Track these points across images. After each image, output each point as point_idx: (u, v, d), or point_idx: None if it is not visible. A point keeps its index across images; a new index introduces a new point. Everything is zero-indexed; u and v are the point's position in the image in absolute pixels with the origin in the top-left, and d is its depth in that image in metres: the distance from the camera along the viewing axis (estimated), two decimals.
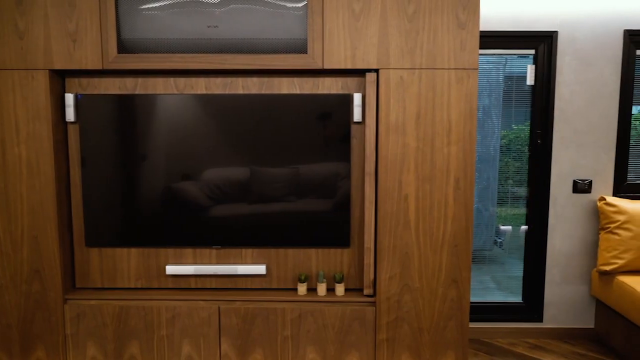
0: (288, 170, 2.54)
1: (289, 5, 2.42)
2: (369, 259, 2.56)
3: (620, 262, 2.79)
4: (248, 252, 2.65)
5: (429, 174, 2.48)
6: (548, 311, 3.10)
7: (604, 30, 2.89)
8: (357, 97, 2.50)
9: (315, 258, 2.65)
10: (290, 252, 2.65)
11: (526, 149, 3.05)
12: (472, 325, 3.13)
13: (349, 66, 2.43)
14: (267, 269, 2.66)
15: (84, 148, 2.55)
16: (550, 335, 3.10)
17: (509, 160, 3.14)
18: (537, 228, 3.05)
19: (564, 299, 3.09)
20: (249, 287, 2.67)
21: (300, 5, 2.42)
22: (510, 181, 3.13)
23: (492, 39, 2.92)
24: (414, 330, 2.58)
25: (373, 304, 2.58)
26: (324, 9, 2.40)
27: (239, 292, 2.63)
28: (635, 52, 2.92)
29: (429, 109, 2.45)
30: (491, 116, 3.14)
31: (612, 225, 2.84)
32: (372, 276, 2.57)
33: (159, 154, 2.53)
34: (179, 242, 2.60)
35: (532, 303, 3.11)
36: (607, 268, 2.83)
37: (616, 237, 2.81)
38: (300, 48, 2.43)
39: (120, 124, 2.52)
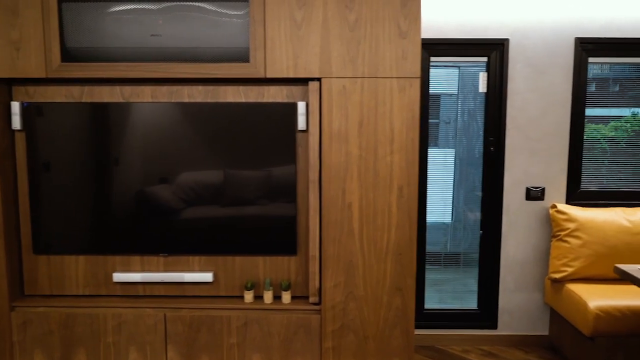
0: (236, 179, 2.55)
1: (231, 13, 2.43)
2: (314, 267, 2.56)
3: (570, 270, 2.79)
4: (196, 259, 2.66)
5: (373, 182, 2.49)
6: (502, 318, 3.10)
7: (555, 38, 2.89)
8: (301, 106, 2.51)
9: (262, 266, 2.66)
10: (238, 259, 2.65)
11: None
12: (428, 332, 3.13)
13: (292, 75, 2.44)
14: (215, 276, 2.66)
15: (30, 156, 2.55)
16: (504, 343, 3.10)
17: None
18: (490, 235, 3.05)
19: (518, 306, 3.09)
20: (197, 294, 2.68)
21: (242, 13, 2.43)
22: None
23: (446, 47, 2.92)
24: (360, 338, 2.59)
25: (318, 312, 2.58)
26: (265, 18, 2.40)
27: (186, 300, 2.63)
28: (587, 60, 2.93)
29: (372, 118, 2.46)
30: (476, 120, 3.14)
31: (563, 233, 2.84)
32: (317, 284, 2.57)
33: (106, 162, 2.54)
34: (126, 249, 2.61)
35: (486, 310, 3.11)
36: (557, 276, 2.84)
37: (566, 244, 2.81)
38: (243, 57, 2.44)
39: (65, 131, 2.52)
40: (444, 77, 3.11)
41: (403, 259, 2.54)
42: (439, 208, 3.24)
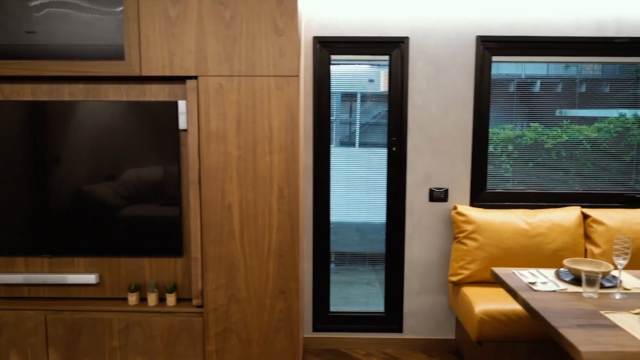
0: (120, 179, 2.50)
1: (106, 10, 2.38)
2: (196, 269, 2.51)
3: (466, 272, 2.73)
4: (81, 260, 2.61)
5: (252, 182, 2.44)
6: (408, 321, 3.05)
7: (456, 36, 2.84)
8: (181, 105, 2.46)
9: (149, 267, 2.61)
10: (123, 261, 2.60)
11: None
12: (335, 335, 3.08)
13: (167, 73, 2.39)
14: (100, 278, 2.61)
15: None
16: (410, 346, 3.05)
17: None
18: (395, 237, 2.99)
19: (423, 309, 3.04)
20: (83, 296, 2.63)
21: (117, 10, 2.38)
22: None
23: (346, 45, 2.87)
24: (243, 342, 2.54)
25: (201, 314, 2.53)
26: (139, 15, 2.36)
27: (69, 302, 2.58)
28: (490, 59, 2.87)
29: (250, 117, 2.41)
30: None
31: (461, 235, 2.78)
32: (200, 286, 2.52)
33: None
34: (9, 251, 2.56)
35: (392, 313, 3.06)
36: (454, 279, 2.78)
37: (464, 247, 2.76)
38: (119, 55, 2.39)
39: None
40: (364, 76, 3.05)
41: (285, 261, 2.48)
42: (373, 208, 3.14)
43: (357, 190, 3.09)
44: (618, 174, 3.05)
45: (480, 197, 2.97)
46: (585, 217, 2.83)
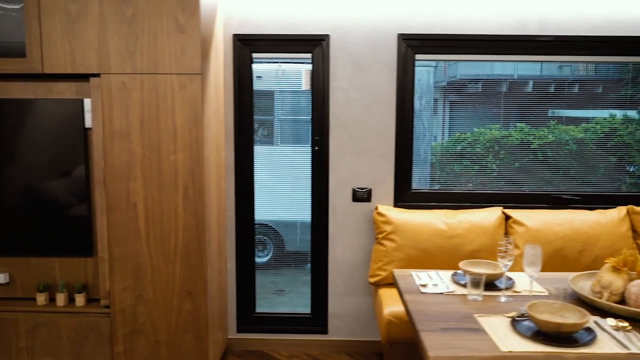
0: (28, 178, 2.47)
1: (7, 7, 2.36)
2: (104, 269, 2.48)
3: (384, 274, 2.69)
4: None
5: (157, 181, 2.41)
6: (333, 323, 3.01)
7: (377, 34, 2.80)
8: (87, 103, 2.43)
9: (59, 267, 2.57)
10: (33, 260, 2.57)
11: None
12: (260, 336, 3.04)
13: (70, 71, 2.36)
14: (10, 277, 2.58)
15: None
16: (335, 348, 3.01)
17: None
18: (320, 237, 2.96)
19: (348, 310, 3.00)
20: None
21: (18, 7, 2.35)
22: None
23: (267, 43, 2.84)
24: (151, 343, 2.51)
25: (109, 315, 2.50)
26: (40, 11, 2.32)
27: None
28: (414, 57, 2.83)
29: (153, 115, 2.38)
30: (422, 119, 3.05)
31: (380, 236, 2.74)
32: (108, 287, 2.49)
33: None
34: None
35: (318, 314, 3.02)
36: (372, 280, 2.74)
37: (382, 248, 2.72)
38: (21, 52, 2.36)
39: None
40: (288, 74, 3.02)
41: (192, 262, 2.45)
42: (299, 208, 3.10)
43: (283, 189, 3.06)
44: (546, 175, 3.01)
45: (406, 197, 2.93)
46: (507, 218, 2.79)
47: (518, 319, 1.69)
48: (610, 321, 1.69)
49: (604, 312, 1.77)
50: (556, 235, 2.67)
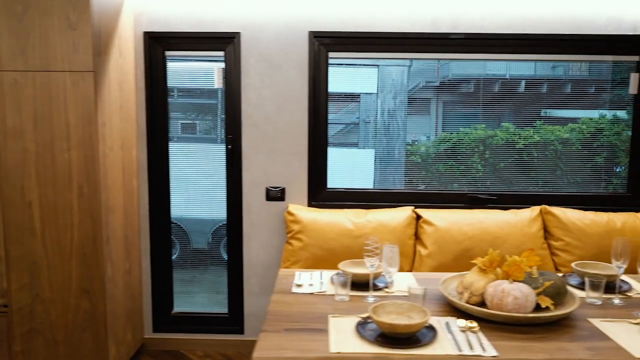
0: None
1: None
2: (0, 268, 2.46)
3: None
4: None
5: (52, 180, 2.39)
6: (249, 323, 2.99)
7: (289, 32, 2.78)
8: None
9: None
10: None
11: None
12: (176, 336, 3.02)
13: None
14: None
15: None
16: (251, 348, 2.96)
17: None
18: (235, 236, 2.93)
19: (264, 310, 2.97)
20: None
21: None
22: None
23: (180, 41, 2.81)
24: (49, 343, 2.49)
25: (6, 314, 2.48)
26: None
27: None
28: (327, 55, 2.81)
29: (47, 113, 2.36)
30: (396, 119, 3.03)
31: (289, 235, 2.72)
32: (5, 285, 2.47)
33: None
34: None
35: (234, 314, 3.00)
36: None
37: (290, 247, 2.70)
38: None
39: None
40: (201, 72, 3.00)
41: (89, 260, 2.44)
42: (216, 206, 3.09)
43: (199, 188, 3.04)
44: (465, 174, 2.99)
45: (321, 196, 2.91)
46: (418, 217, 2.76)
47: (368, 320, 1.67)
48: (460, 322, 1.66)
49: (462, 313, 1.74)
50: (465, 235, 2.64)
